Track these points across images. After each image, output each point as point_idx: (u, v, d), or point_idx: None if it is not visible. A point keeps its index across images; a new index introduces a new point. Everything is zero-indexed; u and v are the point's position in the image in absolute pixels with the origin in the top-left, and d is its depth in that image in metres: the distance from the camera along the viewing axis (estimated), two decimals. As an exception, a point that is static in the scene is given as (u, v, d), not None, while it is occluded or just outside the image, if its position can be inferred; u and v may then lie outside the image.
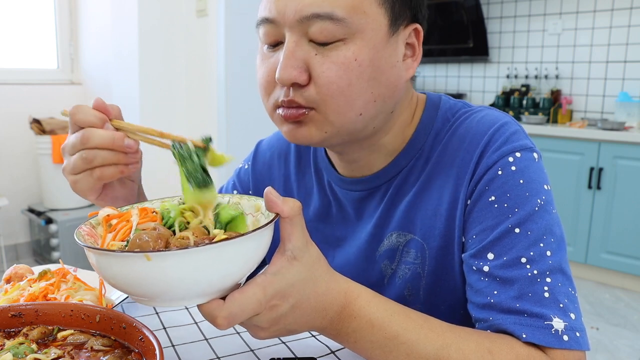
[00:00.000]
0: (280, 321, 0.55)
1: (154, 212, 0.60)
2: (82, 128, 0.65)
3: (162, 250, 0.48)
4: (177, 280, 0.48)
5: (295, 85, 0.67)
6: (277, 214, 0.54)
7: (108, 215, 0.58)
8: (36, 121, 3.30)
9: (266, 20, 0.68)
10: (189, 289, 0.49)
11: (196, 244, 0.50)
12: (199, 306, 0.52)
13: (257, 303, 0.52)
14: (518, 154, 0.68)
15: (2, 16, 3.49)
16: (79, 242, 0.52)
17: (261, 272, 0.54)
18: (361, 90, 0.67)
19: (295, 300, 0.54)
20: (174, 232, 0.57)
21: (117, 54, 3.30)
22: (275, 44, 0.69)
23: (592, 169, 3.22)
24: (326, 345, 0.70)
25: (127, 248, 0.53)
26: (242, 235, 0.49)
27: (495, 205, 0.67)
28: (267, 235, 0.54)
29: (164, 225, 0.58)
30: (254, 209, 0.61)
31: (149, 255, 0.46)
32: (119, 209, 0.60)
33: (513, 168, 0.67)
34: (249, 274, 0.54)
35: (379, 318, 0.59)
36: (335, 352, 0.68)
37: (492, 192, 0.67)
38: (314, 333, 0.73)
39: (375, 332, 0.59)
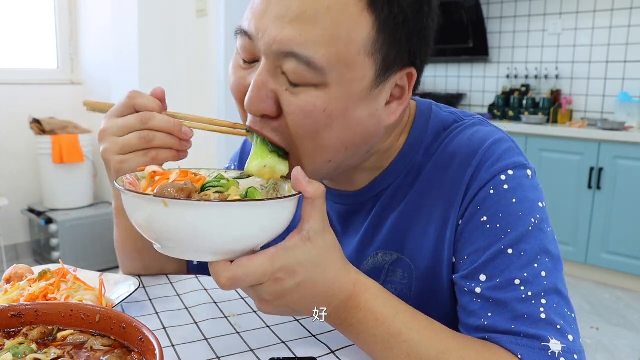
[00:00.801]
0: (284, 297, 0.56)
1: (194, 174, 0.62)
2: (137, 112, 0.67)
3: (179, 199, 0.52)
4: (190, 231, 0.52)
5: (265, 117, 0.63)
6: (299, 193, 0.55)
7: (154, 172, 0.62)
8: (36, 121, 3.30)
9: (244, 34, 0.63)
10: (201, 242, 0.53)
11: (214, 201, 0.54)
12: (209, 264, 0.55)
13: (262, 272, 0.53)
14: (511, 172, 0.66)
15: (2, 16, 3.49)
16: (117, 185, 0.56)
17: (275, 245, 0.55)
18: (330, 140, 0.63)
19: (302, 278, 0.55)
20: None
21: (117, 54, 3.30)
22: (251, 61, 0.64)
23: (592, 169, 3.22)
24: (326, 345, 0.70)
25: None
26: (256, 200, 0.53)
27: (488, 226, 0.65)
28: (286, 208, 0.55)
29: (205, 186, 0.60)
30: (287, 191, 0.63)
31: (167, 202, 0.50)
32: (164, 169, 0.64)
33: (505, 187, 0.65)
34: (263, 243, 0.56)
35: (384, 313, 0.59)
36: (335, 352, 0.68)
37: (485, 212, 0.65)
38: (314, 333, 0.73)
39: (379, 326, 0.59)
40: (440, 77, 4.47)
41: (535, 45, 3.92)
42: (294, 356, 0.67)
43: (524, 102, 3.87)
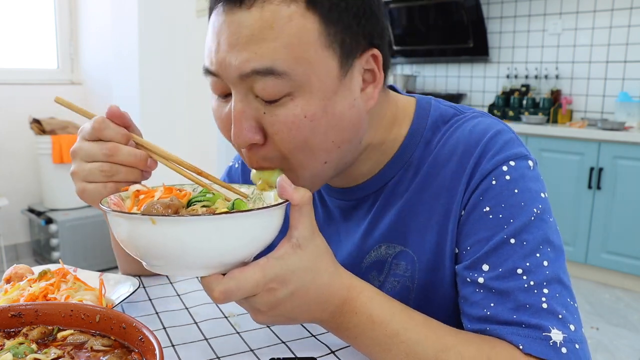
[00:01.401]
0: (278, 306, 0.55)
1: (179, 190, 0.62)
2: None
3: (166, 215, 0.51)
4: (180, 248, 0.51)
5: (254, 146, 0.64)
6: (286, 200, 0.55)
7: (137, 191, 0.61)
8: (36, 121, 3.30)
9: (209, 72, 0.64)
10: (192, 258, 0.52)
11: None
12: (200, 278, 0.54)
13: (254, 283, 0.53)
14: (512, 163, 0.67)
15: (2, 16, 3.49)
16: (102, 206, 0.55)
17: (266, 255, 0.55)
18: (320, 143, 0.63)
19: (294, 287, 0.55)
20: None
21: (117, 54, 3.30)
22: (225, 95, 0.65)
23: (592, 169, 3.22)
24: (326, 345, 0.70)
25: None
26: (243, 211, 0.52)
27: (490, 216, 0.65)
28: (274, 217, 0.55)
29: (192, 201, 0.60)
30: (274, 199, 0.62)
31: (154, 219, 0.49)
32: (148, 187, 0.64)
33: (507, 177, 0.66)
34: (254, 254, 0.56)
35: (380, 315, 0.59)
36: (335, 352, 0.68)
37: (487, 203, 0.66)
38: (314, 333, 0.73)
39: (376, 328, 0.59)
40: (440, 77, 4.47)
41: (535, 45, 3.92)
42: (294, 356, 0.67)
43: (524, 102, 3.87)
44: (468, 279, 0.66)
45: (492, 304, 0.63)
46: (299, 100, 0.60)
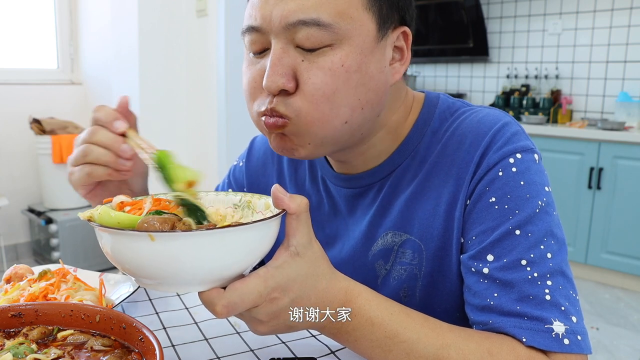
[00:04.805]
0: (280, 315, 0.55)
1: (167, 202, 0.60)
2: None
3: (166, 231, 0.49)
4: (179, 264, 0.49)
5: (282, 93, 0.65)
6: (284, 210, 0.55)
7: (122, 202, 0.59)
8: (36, 121, 3.30)
9: (252, 29, 0.67)
10: (191, 274, 0.50)
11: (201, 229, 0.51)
12: (199, 294, 0.53)
13: (257, 294, 0.52)
14: (519, 155, 0.68)
15: (2, 16, 3.49)
16: (90, 222, 0.53)
17: (264, 265, 0.55)
18: (348, 97, 0.65)
19: (295, 295, 0.55)
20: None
21: (117, 54, 3.30)
22: (262, 52, 0.68)
23: (592, 169, 3.22)
24: (326, 345, 0.70)
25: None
26: (245, 224, 0.51)
27: (496, 207, 0.66)
28: (272, 228, 0.54)
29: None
30: (264, 207, 0.62)
31: (153, 236, 0.48)
32: (133, 198, 0.61)
33: (514, 169, 0.67)
34: (252, 266, 0.55)
35: (379, 316, 0.59)
36: (335, 352, 0.68)
37: (493, 193, 0.67)
38: (314, 333, 0.73)
39: (376, 330, 0.59)
40: (440, 77, 4.47)
41: (535, 45, 3.92)
42: (294, 356, 0.67)
43: (524, 102, 3.87)
44: (472, 269, 0.66)
45: (495, 294, 0.63)
46: (339, 51, 0.64)
